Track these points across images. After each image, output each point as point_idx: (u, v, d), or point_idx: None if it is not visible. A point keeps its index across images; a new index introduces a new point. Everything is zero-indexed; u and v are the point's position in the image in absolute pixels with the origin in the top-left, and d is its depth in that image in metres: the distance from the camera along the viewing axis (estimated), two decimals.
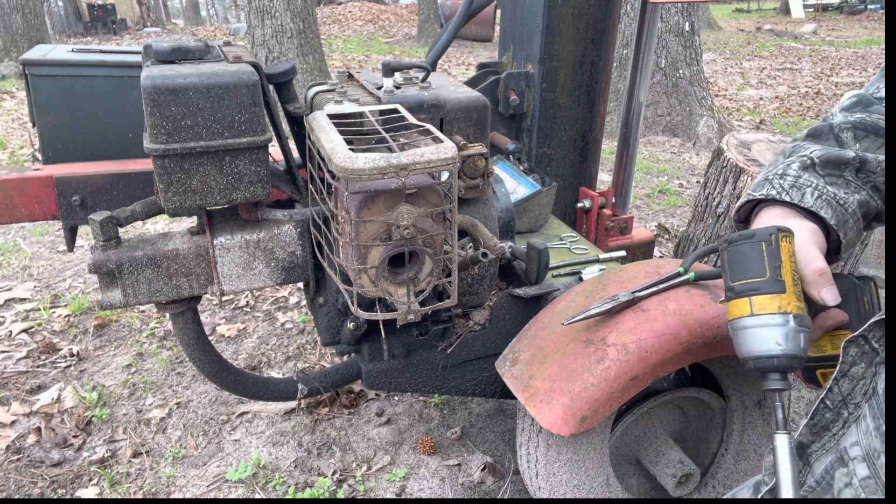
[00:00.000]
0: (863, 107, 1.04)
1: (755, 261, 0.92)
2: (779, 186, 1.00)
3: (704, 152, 5.54)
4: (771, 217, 1.00)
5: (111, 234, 1.45)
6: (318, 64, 6.63)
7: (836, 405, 0.87)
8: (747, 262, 0.93)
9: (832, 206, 0.96)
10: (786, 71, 9.91)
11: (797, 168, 1.00)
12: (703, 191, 2.69)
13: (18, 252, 3.49)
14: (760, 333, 0.90)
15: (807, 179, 0.98)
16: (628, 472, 1.73)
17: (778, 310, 0.90)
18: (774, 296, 0.90)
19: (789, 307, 0.90)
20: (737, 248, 0.95)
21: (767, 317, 0.90)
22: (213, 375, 1.75)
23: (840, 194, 0.97)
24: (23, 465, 2.02)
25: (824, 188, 0.97)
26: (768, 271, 0.91)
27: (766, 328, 0.90)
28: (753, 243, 0.93)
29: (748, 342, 0.92)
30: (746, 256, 0.94)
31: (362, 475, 1.99)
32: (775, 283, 0.90)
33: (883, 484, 0.73)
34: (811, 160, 0.99)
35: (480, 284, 1.69)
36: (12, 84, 8.09)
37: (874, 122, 1.02)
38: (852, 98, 1.06)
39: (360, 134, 1.32)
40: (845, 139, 1.01)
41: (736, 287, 0.94)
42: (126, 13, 16.85)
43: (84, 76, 1.68)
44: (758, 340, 0.90)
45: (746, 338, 0.92)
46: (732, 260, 0.96)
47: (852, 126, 1.02)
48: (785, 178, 1.00)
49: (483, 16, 2.30)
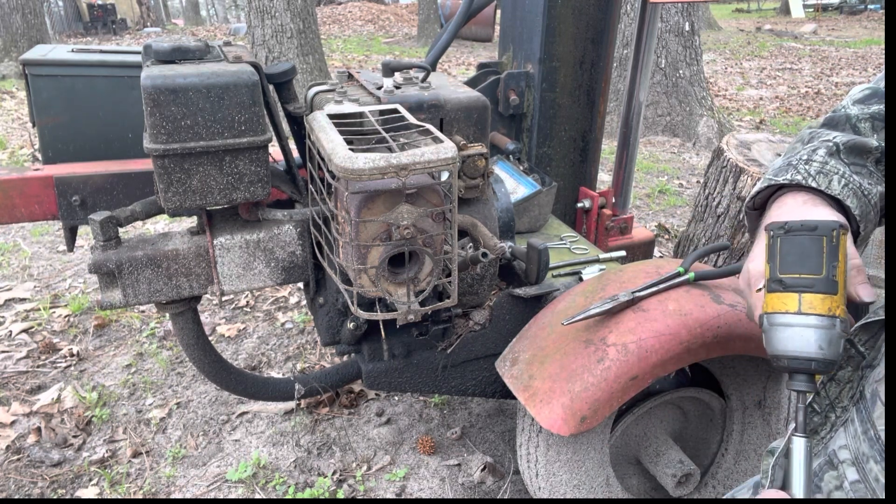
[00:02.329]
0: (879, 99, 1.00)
1: (813, 256, 0.86)
2: (804, 172, 0.94)
3: (704, 152, 5.54)
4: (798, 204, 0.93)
5: (111, 234, 1.45)
6: (318, 64, 6.63)
7: (823, 409, 0.87)
8: (805, 256, 0.86)
9: (857, 196, 0.91)
10: (786, 71, 9.91)
11: (824, 154, 0.95)
12: (703, 191, 2.69)
13: (18, 252, 3.49)
14: (805, 334, 0.84)
15: (833, 166, 0.93)
16: (628, 472, 1.73)
17: (828, 312, 0.84)
18: (827, 297, 0.84)
19: (838, 311, 0.84)
20: (795, 238, 0.88)
21: (815, 318, 0.84)
22: (213, 375, 1.75)
23: (864, 184, 0.93)
24: (23, 465, 2.02)
25: (850, 177, 0.92)
26: (825, 269, 0.85)
27: (811, 329, 0.84)
28: (815, 237, 0.86)
29: (787, 340, 0.86)
30: (805, 249, 0.86)
31: (362, 475, 1.99)
32: (830, 283, 0.85)
33: (872, 488, 0.73)
34: (836, 146, 0.95)
35: (480, 284, 1.69)
36: (12, 84, 8.09)
37: None
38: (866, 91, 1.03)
39: (360, 134, 1.32)
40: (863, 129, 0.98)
41: (786, 280, 0.87)
42: (126, 13, 16.85)
43: (84, 76, 1.68)
44: (801, 341, 0.84)
45: (786, 335, 0.86)
46: (787, 250, 0.88)
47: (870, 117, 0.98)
48: (811, 164, 0.94)
49: (483, 16, 2.30)
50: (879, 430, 0.74)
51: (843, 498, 0.78)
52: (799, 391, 0.85)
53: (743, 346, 1.41)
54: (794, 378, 0.86)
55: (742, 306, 1.41)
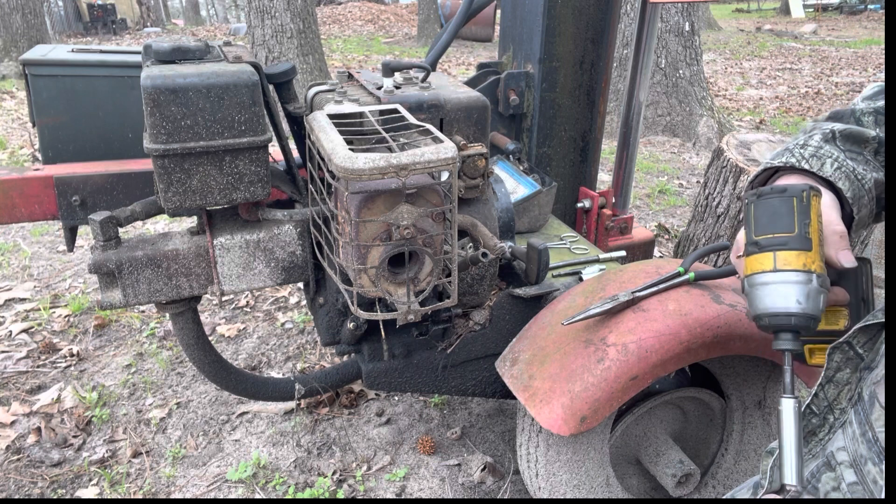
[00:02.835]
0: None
1: (784, 216, 0.88)
2: (799, 155, 0.98)
3: (704, 152, 5.54)
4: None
5: (111, 234, 1.45)
6: (318, 64, 6.63)
7: (822, 410, 0.87)
8: (776, 217, 0.89)
9: (850, 179, 0.94)
10: (786, 71, 9.91)
11: (819, 139, 0.99)
12: (703, 191, 2.69)
13: (18, 252, 3.49)
14: (782, 290, 0.86)
15: (828, 151, 0.97)
16: (628, 472, 1.73)
17: (803, 267, 0.86)
18: (801, 252, 0.86)
19: (814, 266, 0.86)
20: (766, 200, 0.91)
21: (791, 273, 0.86)
22: (213, 375, 1.75)
23: (859, 169, 0.96)
24: (23, 465, 2.02)
25: (844, 161, 0.96)
26: (797, 227, 0.87)
27: (788, 285, 0.86)
28: (785, 198, 0.89)
29: (767, 298, 0.87)
30: (776, 210, 0.89)
31: (362, 475, 1.99)
32: (803, 239, 0.87)
33: (870, 490, 0.73)
34: (833, 132, 0.99)
35: (480, 284, 1.69)
36: (12, 84, 8.09)
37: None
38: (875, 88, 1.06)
39: (360, 134, 1.32)
40: (866, 123, 1.01)
41: (760, 241, 0.90)
42: (126, 13, 16.84)
43: (84, 76, 1.68)
44: (778, 297, 0.86)
45: (765, 293, 0.88)
46: (760, 213, 0.91)
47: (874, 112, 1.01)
48: (806, 148, 0.99)
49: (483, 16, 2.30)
50: (877, 431, 0.74)
51: (840, 498, 0.78)
52: (784, 350, 0.87)
53: (743, 346, 1.41)
54: (778, 337, 0.88)
55: (742, 306, 1.41)
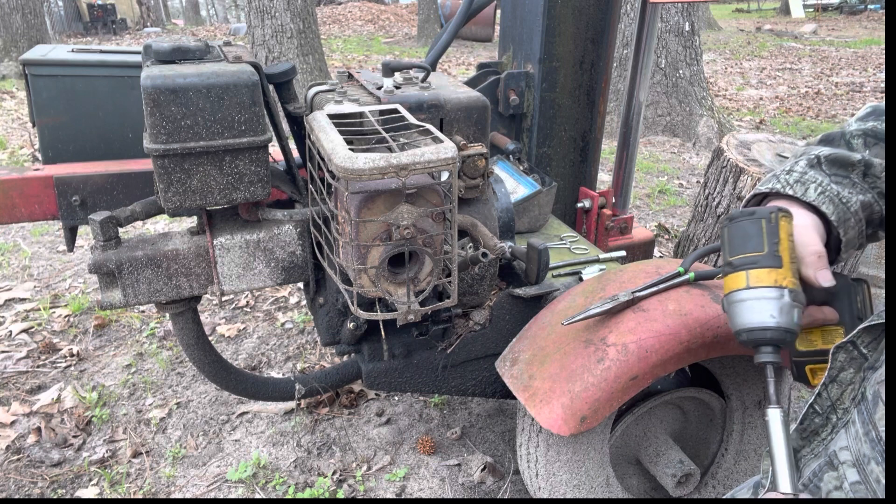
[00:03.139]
0: (876, 116, 1.07)
1: (754, 236, 0.94)
2: (784, 181, 1.02)
3: (704, 152, 5.54)
4: None
5: (111, 234, 1.45)
6: (318, 64, 6.62)
7: (825, 410, 0.87)
8: (746, 238, 0.95)
9: (834, 203, 0.98)
10: (786, 71, 9.91)
11: (804, 165, 1.03)
12: (703, 191, 2.69)
13: (18, 252, 3.49)
14: (756, 306, 0.91)
15: (812, 176, 1.01)
16: (628, 472, 1.73)
17: (774, 283, 0.90)
18: (771, 270, 0.91)
19: (785, 282, 0.91)
20: (738, 223, 0.97)
21: (763, 290, 0.91)
22: (213, 375, 1.75)
23: (843, 193, 0.99)
24: (23, 465, 2.02)
25: (828, 185, 1.00)
26: (766, 246, 0.93)
27: (761, 301, 0.90)
28: (754, 220, 0.95)
29: (743, 314, 0.92)
30: (746, 232, 0.95)
31: (362, 475, 1.99)
32: (773, 257, 0.92)
33: (873, 489, 0.73)
34: (818, 158, 1.03)
35: (480, 284, 1.69)
36: (12, 84, 8.09)
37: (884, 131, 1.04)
38: (868, 108, 1.10)
39: (360, 134, 1.32)
40: (856, 145, 1.04)
41: (734, 261, 0.95)
42: (126, 13, 16.85)
43: (84, 76, 1.68)
44: (753, 312, 0.91)
45: (741, 310, 0.93)
46: (732, 235, 0.97)
47: (863, 133, 1.05)
48: (791, 174, 1.03)
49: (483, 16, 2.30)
50: (881, 431, 0.74)
51: (842, 498, 0.78)
52: (766, 362, 0.91)
53: (743, 346, 1.41)
54: (759, 351, 0.92)
55: None
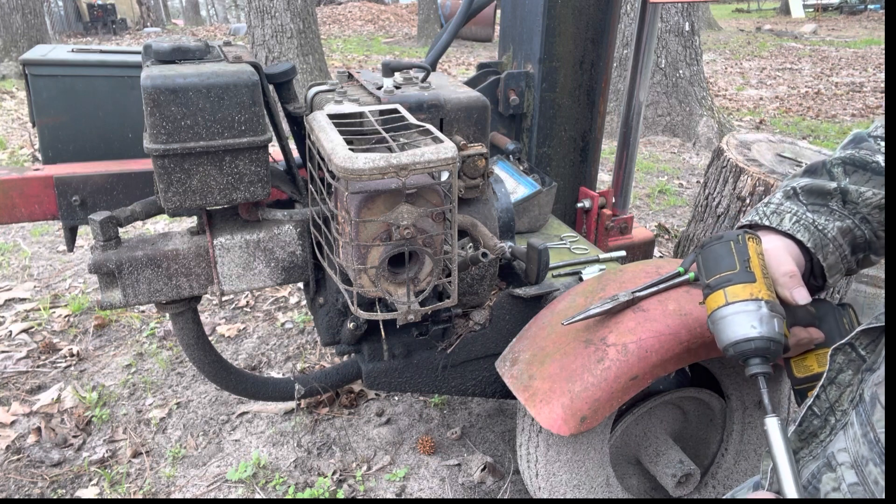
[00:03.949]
0: (855, 143, 1.13)
1: (725, 257, 1.01)
2: (762, 213, 1.11)
3: (704, 152, 5.54)
4: None
5: (111, 234, 1.45)
6: (318, 64, 6.62)
7: (823, 412, 0.87)
8: (719, 259, 1.01)
9: (809, 231, 1.05)
10: (786, 71, 9.91)
11: (780, 196, 1.12)
12: (703, 191, 2.69)
13: (18, 252, 3.49)
14: (737, 319, 0.95)
15: (788, 207, 1.09)
16: (628, 472, 1.73)
17: (750, 296, 0.96)
18: (746, 285, 0.97)
19: (760, 294, 0.96)
20: (709, 248, 1.04)
21: (741, 304, 0.96)
22: (213, 375, 1.75)
23: (820, 220, 1.06)
24: (23, 465, 2.02)
25: (804, 214, 1.07)
26: (738, 265, 0.99)
27: (741, 314, 0.95)
28: (723, 242, 1.02)
29: (726, 330, 0.97)
30: (717, 254, 1.02)
31: (362, 475, 1.99)
32: (746, 273, 0.98)
33: (871, 491, 0.74)
34: (794, 190, 1.11)
35: (480, 284, 1.69)
36: (12, 84, 8.09)
37: (861, 158, 1.10)
38: (850, 136, 1.16)
39: (360, 134, 1.32)
40: (836, 174, 1.10)
41: (710, 283, 1.01)
42: (126, 13, 16.85)
43: (84, 76, 1.68)
44: (735, 327, 0.95)
45: (724, 326, 0.97)
46: (706, 259, 1.04)
47: (842, 162, 1.11)
48: (769, 206, 1.11)
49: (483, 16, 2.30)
50: (879, 432, 0.74)
51: (841, 499, 0.78)
52: (756, 373, 0.95)
53: None
54: (748, 364, 0.96)
55: None
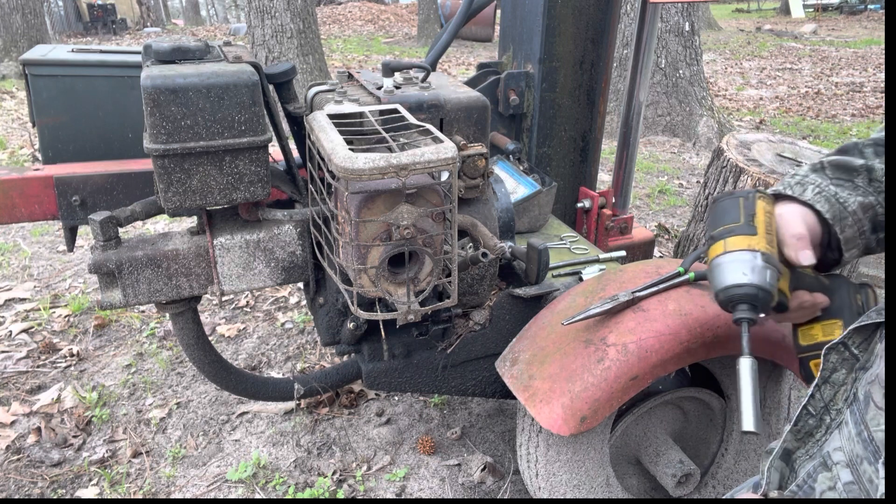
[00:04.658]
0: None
1: (731, 210, 1.05)
2: (786, 183, 1.11)
3: (704, 152, 5.54)
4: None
5: (111, 234, 1.45)
6: (318, 64, 6.62)
7: (818, 411, 0.88)
8: (726, 213, 1.05)
9: (829, 202, 1.05)
10: (786, 71, 9.91)
11: (807, 169, 1.12)
12: (703, 191, 2.69)
13: (18, 252, 3.49)
14: (730, 266, 1.00)
15: (812, 178, 1.09)
16: (628, 472, 1.73)
17: (747, 247, 1.00)
18: (746, 237, 1.01)
19: (758, 246, 1.00)
20: (719, 203, 1.08)
21: (738, 253, 1.00)
22: (213, 375, 1.75)
23: (842, 194, 1.06)
24: (23, 465, 2.02)
25: (826, 186, 1.07)
26: (742, 218, 1.03)
27: (735, 262, 1.00)
28: (733, 198, 1.06)
29: (719, 276, 1.01)
30: (725, 208, 1.06)
31: (362, 475, 1.99)
32: (748, 227, 1.02)
33: (866, 489, 0.74)
34: (821, 164, 1.11)
35: (480, 284, 1.69)
36: (12, 84, 8.09)
37: None
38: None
39: (360, 134, 1.32)
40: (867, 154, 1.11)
41: (714, 234, 1.06)
42: (126, 13, 16.84)
43: (84, 76, 1.68)
44: (727, 272, 1.00)
45: (718, 272, 1.02)
46: (714, 213, 1.08)
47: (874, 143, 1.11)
48: (794, 178, 1.11)
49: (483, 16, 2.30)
50: (872, 431, 0.74)
51: (836, 498, 0.79)
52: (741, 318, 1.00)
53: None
54: (735, 309, 1.01)
55: None
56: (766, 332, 1.43)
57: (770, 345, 1.45)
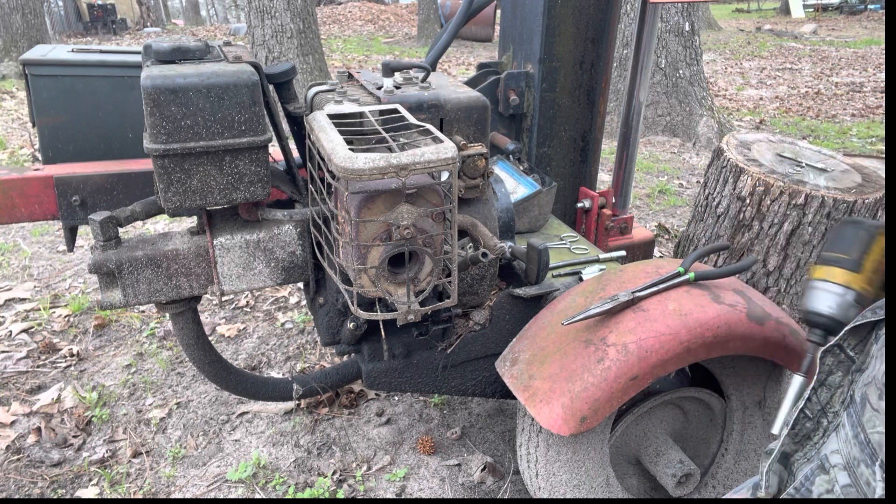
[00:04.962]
0: None
1: (848, 241, 1.10)
2: None
3: (704, 152, 5.54)
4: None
5: (111, 234, 1.45)
6: (318, 64, 6.62)
7: (815, 414, 0.88)
8: (842, 240, 1.11)
9: None
10: (786, 71, 9.91)
11: None
12: (703, 191, 2.69)
13: (18, 252, 3.49)
14: (821, 296, 1.08)
15: None
16: (628, 472, 1.73)
17: (844, 283, 1.07)
18: (847, 272, 1.07)
19: (855, 285, 1.06)
20: (842, 227, 1.14)
21: (833, 285, 1.07)
22: (213, 375, 1.75)
23: None
24: (23, 465, 2.02)
25: None
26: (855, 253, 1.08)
27: (826, 293, 1.08)
28: (856, 229, 1.11)
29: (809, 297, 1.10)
30: (844, 236, 1.12)
31: (362, 475, 1.99)
32: (855, 263, 1.07)
33: (863, 491, 0.74)
34: None
35: (480, 284, 1.69)
36: (12, 84, 8.09)
37: None
38: None
39: (360, 134, 1.32)
40: None
41: (824, 256, 1.12)
42: (126, 13, 16.84)
43: (84, 76, 1.68)
44: (816, 299, 1.09)
45: (810, 294, 1.10)
46: (834, 235, 1.14)
47: None
48: None
49: (483, 16, 2.30)
50: (869, 433, 0.74)
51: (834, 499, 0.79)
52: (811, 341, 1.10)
53: (743, 346, 1.41)
54: (811, 331, 1.11)
55: (742, 306, 1.41)
56: (767, 332, 1.43)
57: (770, 345, 1.45)
